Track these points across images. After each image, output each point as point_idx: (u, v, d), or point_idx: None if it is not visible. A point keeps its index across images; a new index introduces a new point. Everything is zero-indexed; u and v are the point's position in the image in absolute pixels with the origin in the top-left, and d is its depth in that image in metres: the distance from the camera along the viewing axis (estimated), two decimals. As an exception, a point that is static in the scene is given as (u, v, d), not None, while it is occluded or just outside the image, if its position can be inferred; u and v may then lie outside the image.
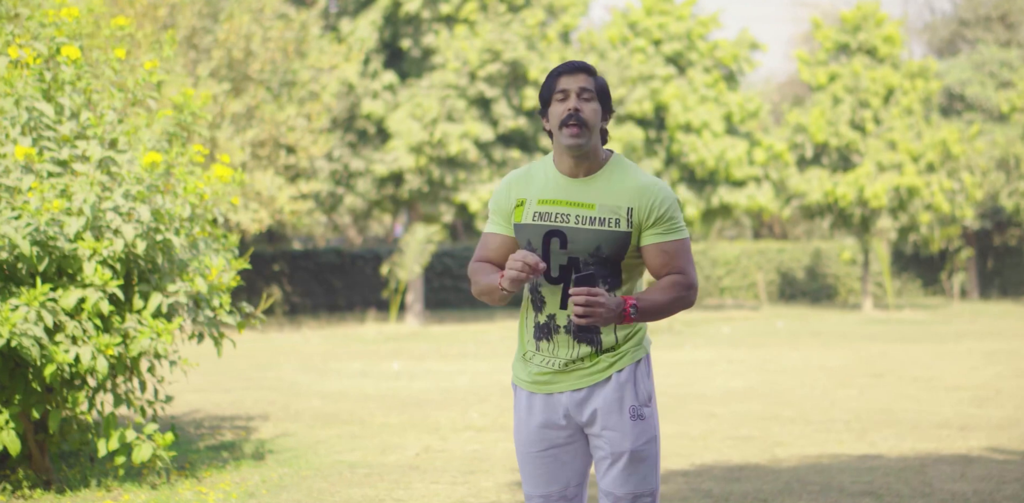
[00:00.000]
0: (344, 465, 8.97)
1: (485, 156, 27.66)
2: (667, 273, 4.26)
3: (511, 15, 27.83)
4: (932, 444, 9.92)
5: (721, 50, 32.25)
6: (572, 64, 4.29)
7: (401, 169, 27.56)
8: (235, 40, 25.67)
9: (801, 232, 47.35)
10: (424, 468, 8.82)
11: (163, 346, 7.94)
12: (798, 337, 24.28)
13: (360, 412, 12.01)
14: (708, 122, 30.88)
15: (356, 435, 10.41)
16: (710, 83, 31.74)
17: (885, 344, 22.16)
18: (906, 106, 34.00)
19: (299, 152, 26.45)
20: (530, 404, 4.37)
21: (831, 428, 10.93)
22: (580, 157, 4.27)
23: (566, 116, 4.21)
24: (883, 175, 33.37)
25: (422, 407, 12.45)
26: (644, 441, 4.29)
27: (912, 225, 34.37)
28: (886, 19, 35.13)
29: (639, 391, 4.30)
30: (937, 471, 8.56)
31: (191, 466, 8.84)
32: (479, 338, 24.36)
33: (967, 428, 10.91)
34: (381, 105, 27.68)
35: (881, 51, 34.60)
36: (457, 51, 27.19)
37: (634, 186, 4.25)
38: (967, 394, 13.94)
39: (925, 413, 12.10)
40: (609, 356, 4.28)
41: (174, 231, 8.11)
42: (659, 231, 4.24)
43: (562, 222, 4.24)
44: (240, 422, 11.43)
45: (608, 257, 4.22)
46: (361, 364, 18.39)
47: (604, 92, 4.32)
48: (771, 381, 15.37)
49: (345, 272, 34.31)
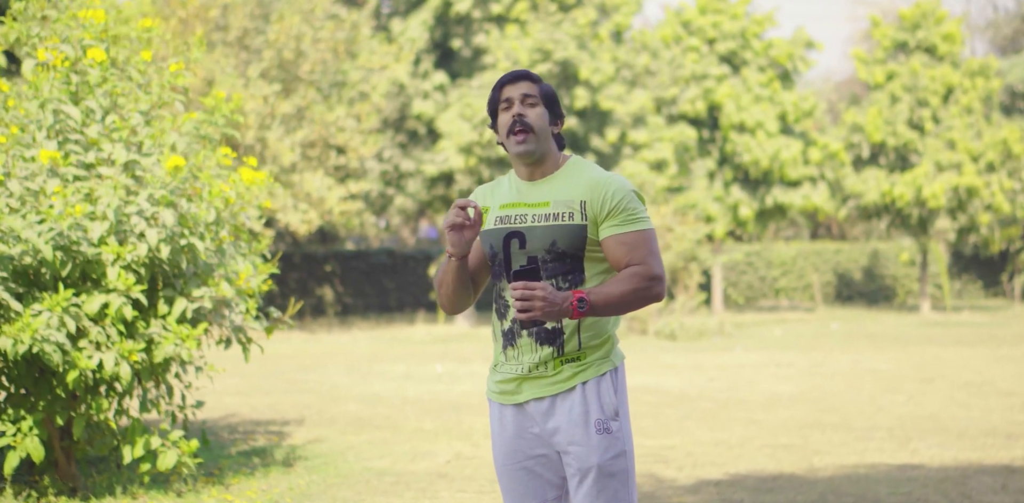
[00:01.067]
0: (372, 473, 8.86)
1: (534, 157, 27.53)
2: (627, 265, 4.12)
3: (562, 14, 27.66)
4: (976, 453, 9.68)
5: (776, 49, 31.92)
6: (513, 73, 4.24)
7: (451, 169, 27.47)
8: (285, 41, 25.70)
9: (859, 232, 46.86)
10: (452, 476, 8.69)
11: (187, 352, 7.86)
12: (851, 340, 23.97)
13: (395, 417, 11.90)
14: (762, 122, 30.58)
15: (387, 441, 10.30)
16: (764, 82, 31.43)
17: (940, 347, 21.82)
18: (966, 105, 33.53)
19: (349, 153, 26.44)
20: (502, 416, 4.28)
21: (873, 436, 10.70)
22: (534, 163, 4.22)
23: (511, 123, 4.16)
24: (942, 175, 32.94)
25: (458, 411, 12.33)
26: (612, 456, 4.14)
27: (972, 226, 33.90)
28: (946, 17, 34.66)
29: (604, 404, 4.15)
30: (978, 482, 8.33)
31: (220, 472, 8.76)
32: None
33: (1014, 436, 10.65)
34: (431, 105, 27.61)
35: (940, 49, 34.14)
36: (507, 51, 27.05)
37: (587, 180, 4.17)
38: (1019, 400, 13.64)
39: (973, 420, 11.84)
40: (573, 366, 4.16)
41: (199, 236, 8.02)
42: (616, 223, 4.13)
43: (520, 223, 4.19)
44: (275, 427, 11.36)
45: (565, 251, 4.12)
46: (405, 366, 18.30)
47: (550, 97, 4.25)
48: (818, 386, 15.13)
49: (397, 273, 34.29)
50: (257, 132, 24.40)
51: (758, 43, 31.86)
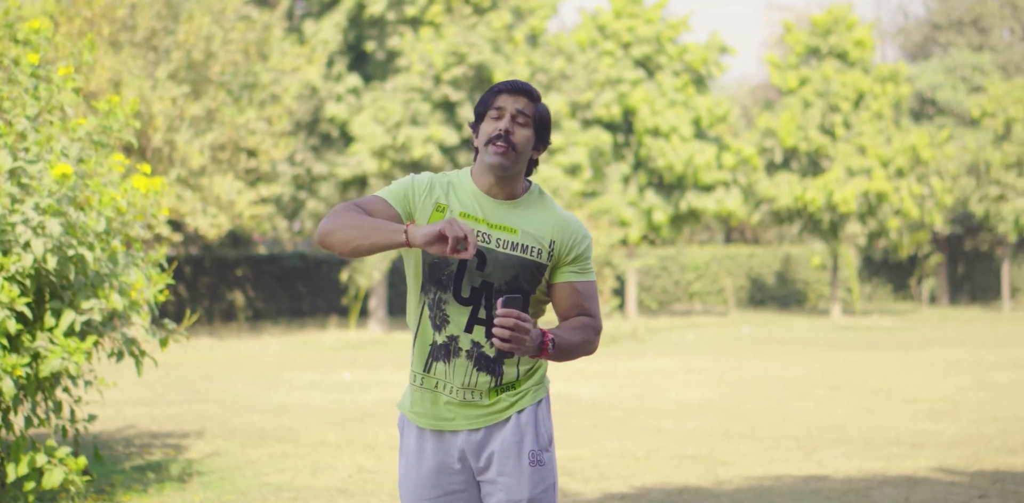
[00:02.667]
0: (270, 488, 8.64)
1: (449, 160, 27.32)
2: (577, 314, 3.98)
3: (477, 17, 27.50)
4: (880, 463, 9.64)
5: (691, 54, 32.00)
6: (515, 84, 3.98)
7: (364, 173, 27.21)
8: (195, 41, 25.30)
9: (772, 237, 47.16)
10: (353, 491, 8.49)
11: (76, 366, 7.60)
12: (762, 344, 24.04)
13: (298, 428, 11.67)
14: (677, 126, 30.63)
15: (288, 454, 10.07)
16: (679, 87, 31.49)
17: (849, 352, 21.93)
18: (876, 111, 33.82)
19: (260, 156, 26.08)
20: (420, 445, 4.02)
21: (779, 445, 10.65)
22: (502, 179, 3.94)
23: (495, 135, 3.90)
24: (852, 180, 33.19)
25: (363, 422, 12.12)
26: (542, 489, 3.97)
27: (881, 230, 34.19)
28: (857, 23, 34.95)
29: (540, 434, 3.99)
30: (881, 494, 8.28)
31: (111, 489, 8.50)
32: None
33: (918, 445, 10.64)
34: (344, 108, 27.33)
35: (852, 55, 34.43)
36: (422, 54, 26.84)
37: (557, 219, 3.98)
38: (923, 407, 13.69)
39: (878, 429, 11.83)
40: (510, 395, 3.97)
41: (88, 246, 7.76)
42: (575, 269, 3.98)
43: (483, 242, 3.92)
44: (172, 440, 11.08)
45: (521, 287, 3.93)
46: (314, 374, 18.05)
47: (543, 122, 4.00)
48: (727, 393, 15.09)
49: (310, 277, 33.94)
50: (165, 134, 24.00)
51: (673, 48, 31.91)
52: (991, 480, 8.83)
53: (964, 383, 16.37)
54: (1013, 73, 45.67)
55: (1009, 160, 38.49)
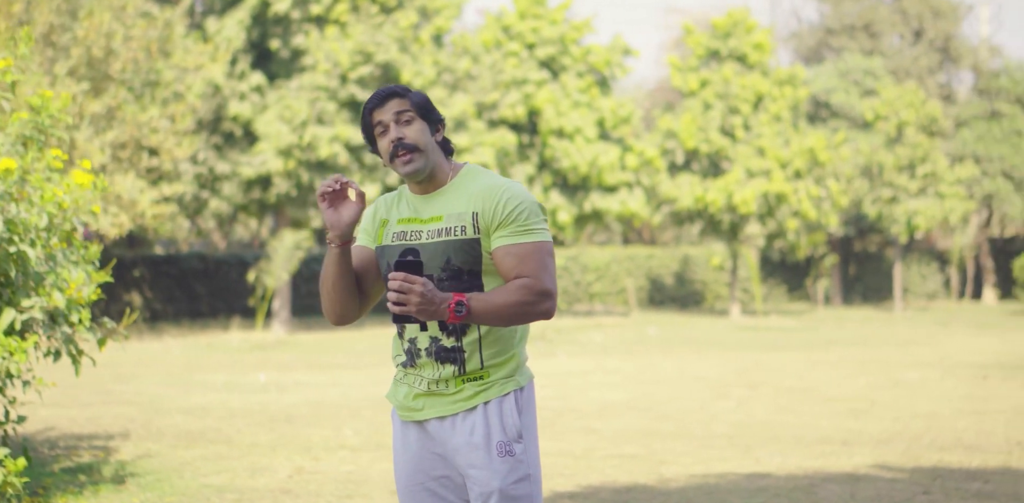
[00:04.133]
0: (211, 489, 8.49)
1: (356, 160, 27.13)
2: (515, 277, 3.90)
3: (383, 17, 27.35)
4: (817, 461, 9.73)
5: (594, 55, 32.12)
6: (378, 94, 4.02)
7: (269, 172, 26.92)
8: (95, 38, 24.83)
9: (670, 238, 47.53)
10: (297, 492, 8.38)
11: (16, 365, 7.40)
12: (670, 345, 24.20)
13: (226, 430, 11.50)
14: (581, 127, 30.72)
15: (223, 456, 9.91)
16: (583, 88, 31.60)
17: (757, 352, 22.16)
18: (775, 113, 34.24)
19: (162, 154, 25.67)
20: (404, 433, 4.11)
21: (713, 444, 10.70)
22: (425, 179, 4.02)
23: (392, 148, 3.94)
24: (752, 181, 33.56)
25: (292, 423, 11.98)
26: (515, 480, 3.95)
27: (780, 231, 34.60)
28: (756, 27, 35.35)
29: (507, 426, 3.96)
30: (826, 491, 8.35)
31: (45, 492, 8.30)
32: (348, 347, 23.87)
33: (849, 443, 10.76)
34: (248, 107, 27.02)
35: (751, 58, 34.81)
36: (328, 52, 26.63)
37: (479, 189, 3.97)
38: (843, 406, 13.86)
39: (805, 427, 11.95)
40: (475, 385, 3.96)
41: (29, 242, 7.56)
42: (506, 233, 3.91)
43: (415, 239, 3.99)
44: (98, 441, 10.85)
45: (460, 268, 3.93)
46: (226, 376, 17.81)
47: (424, 107, 4.04)
48: (648, 393, 15.15)
49: (209, 278, 33.52)
50: (66, 134, 23.55)
51: (577, 49, 32.02)
52: (930, 477, 8.95)
53: (876, 382, 16.60)
54: (903, 77, 46.51)
55: (901, 163, 39.19)
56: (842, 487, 8.50)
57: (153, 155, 25.95)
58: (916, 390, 15.55)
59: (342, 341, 25.33)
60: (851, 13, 47.93)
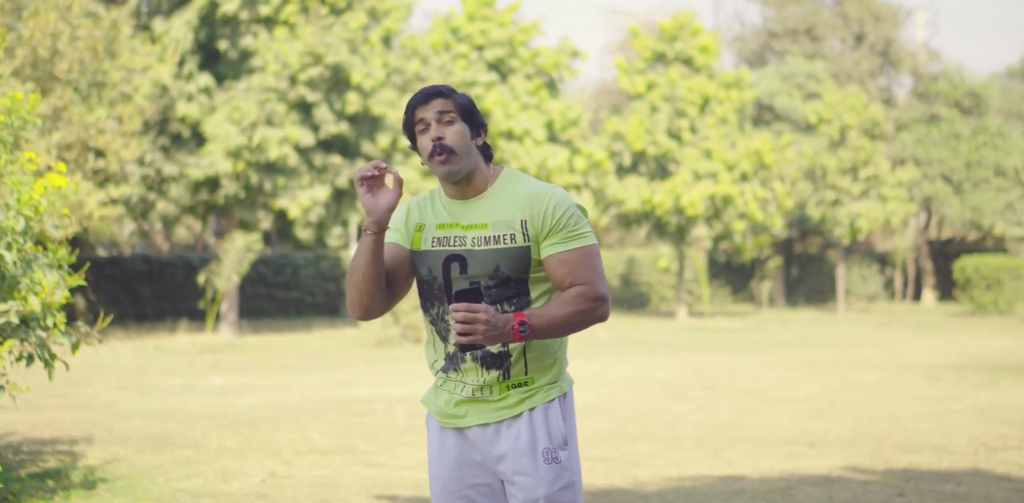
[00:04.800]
0: (186, 494, 8.42)
1: (305, 162, 27.00)
2: (570, 285, 3.93)
3: (333, 18, 27.23)
4: (788, 463, 9.78)
5: (543, 57, 32.17)
6: (424, 92, 4.02)
7: (217, 174, 26.72)
8: (40, 38, 24.56)
9: (614, 240, 47.66)
10: (273, 497, 8.33)
11: (-9, 370, 7.31)
12: (622, 346, 24.27)
13: (191, 433, 11.41)
14: (530, 130, 30.75)
15: (192, 460, 9.83)
16: (532, 90, 31.63)
17: (709, 354, 22.26)
18: (721, 116, 34.42)
19: (109, 156, 25.43)
20: (442, 439, 4.09)
21: (682, 446, 10.74)
22: (462, 181, 4.00)
23: (431, 147, 3.94)
24: (699, 184, 33.72)
25: (256, 427, 11.90)
26: (560, 487, 3.96)
27: (726, 233, 34.79)
28: (701, 30, 35.53)
29: (553, 432, 3.98)
30: (803, 494, 8.40)
31: (14, 498, 8.20)
32: (298, 349, 23.74)
33: (816, 445, 10.83)
34: (196, 108, 26.81)
35: (697, 61, 34.98)
36: (277, 54, 26.48)
37: (525, 196, 3.97)
38: (802, 407, 13.95)
39: (768, 428, 12.02)
40: (520, 391, 3.97)
41: (5, 246, 7.47)
42: (557, 240, 3.94)
43: (460, 245, 3.98)
44: (62, 446, 10.73)
45: (509, 276, 3.93)
46: (180, 379, 17.67)
47: (467, 110, 4.03)
48: (608, 395, 15.19)
49: (153, 280, 33.21)
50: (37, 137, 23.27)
51: (525, 51, 32.04)
52: (903, 478, 9.03)
53: (831, 383, 16.73)
54: (845, 81, 46.91)
55: (844, 165, 39.50)
56: (818, 489, 8.56)
57: (100, 156, 25.71)
58: (872, 391, 15.69)
59: (291, 343, 25.19)
60: (794, 17, 48.29)
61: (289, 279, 35.27)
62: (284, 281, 35.27)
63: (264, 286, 34.58)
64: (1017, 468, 9.48)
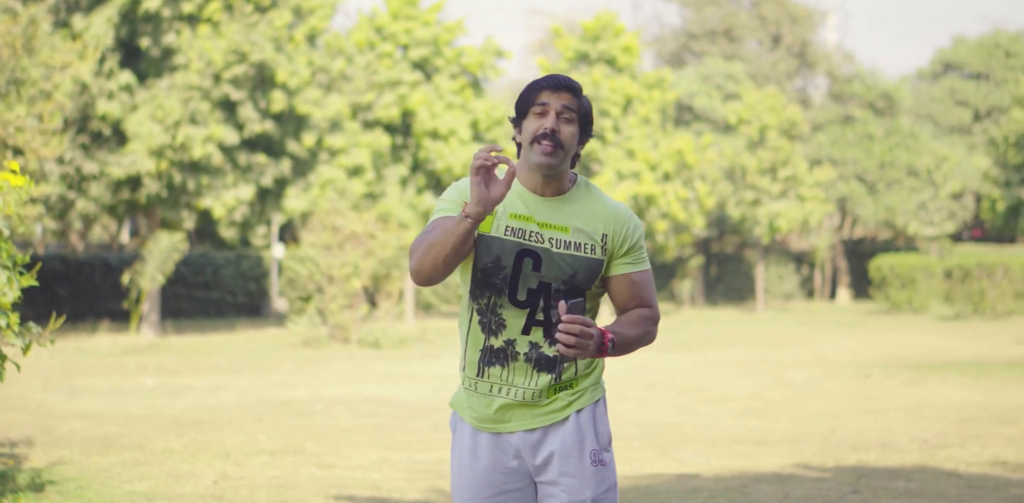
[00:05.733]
0: (139, 496, 8.30)
1: (230, 160, 26.73)
2: (636, 306, 3.97)
3: (258, 16, 26.98)
4: (739, 461, 9.85)
5: (467, 57, 32.12)
6: (557, 80, 3.92)
7: (139, 172, 26.37)
8: (-42, 34, 24.14)
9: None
10: (229, 498, 8.24)
11: (-56, 373, 7.16)
12: (550, 346, 24.27)
13: (134, 435, 11.25)
14: (455, 129, 30.69)
15: (140, 462, 9.70)
16: (456, 90, 31.57)
17: (640, 352, 22.27)
18: (644, 116, 34.60)
19: (28, 154, 25.03)
20: (475, 444, 3.99)
21: (631, 445, 10.77)
22: (549, 177, 3.92)
23: (541, 133, 3.85)
24: (622, 183, 33.85)
25: (199, 428, 11.77)
26: (605, 489, 3.95)
27: (649, 233, 34.97)
28: (624, 30, 35.68)
29: (600, 434, 3.98)
30: (759, 491, 8.46)
31: (-36, 502, 8.04)
32: (224, 350, 23.51)
33: (762, 443, 10.92)
34: (118, 106, 26.44)
35: (620, 61, 35.12)
36: (200, 51, 26.18)
37: (607, 211, 3.96)
38: (739, 406, 14.07)
39: (712, 427, 12.10)
40: (567, 394, 3.94)
41: (-41, 245, 7.32)
42: (630, 261, 3.97)
43: (536, 242, 3.90)
44: (2, 449, 10.54)
45: (579, 285, 3.92)
46: (109, 380, 17.42)
47: (587, 116, 3.97)
48: (547, 394, 15.18)
49: (71, 280, 32.74)
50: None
51: (450, 50, 31.98)
52: (854, 476, 9.13)
53: (764, 382, 16.88)
54: (763, 82, 47.39)
55: (764, 166, 39.92)
56: (773, 487, 8.62)
57: (19, 155, 25.30)
58: (805, 390, 15.85)
59: (216, 344, 24.95)
60: (712, 18, 48.68)
61: (209, 279, 34.94)
62: (204, 281, 34.94)
63: (184, 286, 34.21)
64: (964, 465, 9.62)
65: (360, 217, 23.89)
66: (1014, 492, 8.47)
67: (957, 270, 36.21)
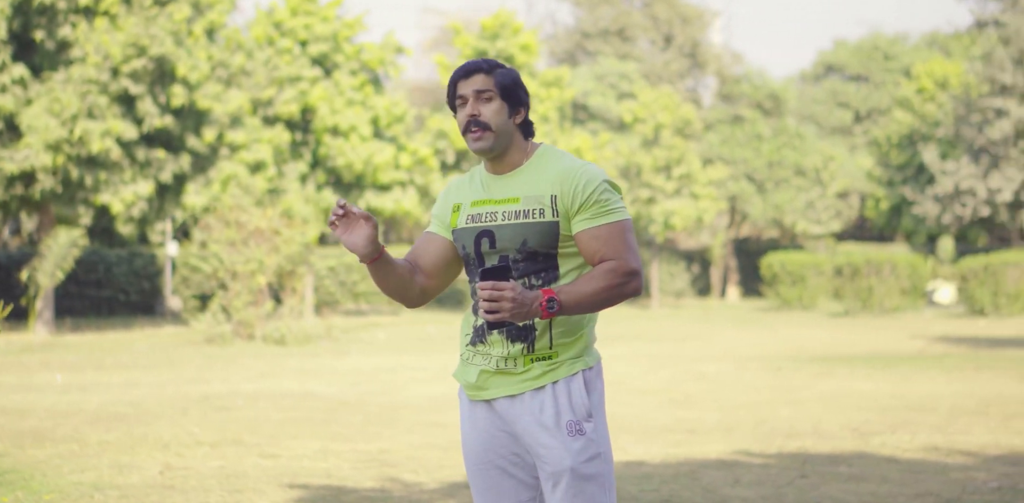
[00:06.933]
0: (87, 486, 8.16)
1: (128, 155, 26.32)
2: (600, 260, 3.97)
3: (157, 9, 26.60)
4: (678, 449, 9.94)
5: (367, 53, 31.98)
6: (466, 67, 4.05)
7: (33, 167, 25.84)
8: None
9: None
10: (181, 488, 8.13)
11: None
12: (455, 342, 24.28)
13: (62, 429, 11.04)
14: (355, 125, 30.55)
15: (78, 454, 9.53)
16: (357, 86, 31.42)
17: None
18: (543, 114, 34.75)
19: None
20: (472, 413, 4.12)
21: (567, 434, 10.80)
22: (496, 158, 4.06)
23: (466, 123, 4.01)
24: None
25: (126, 422, 11.58)
26: (587, 458, 3.97)
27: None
28: (522, 28, 35.80)
29: (576, 405, 3.99)
30: (710, 477, 8.55)
31: (-96, 496, 7.84)
32: (125, 348, 23.12)
33: (696, 432, 11.02)
34: (11, 100, 25.90)
35: (518, 59, 35.24)
36: (98, 45, 25.75)
37: (556, 172, 4.01)
38: (662, 397, 14.19)
39: (640, 418, 12.18)
40: (544, 365, 3.99)
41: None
42: (587, 216, 3.97)
43: (490, 221, 4.03)
44: (-71, 443, 10.29)
45: (536, 250, 3.97)
46: (13, 377, 17.06)
47: (507, 88, 4.05)
48: (468, 387, 15.18)
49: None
50: None
51: (349, 47, 31.81)
52: (799, 461, 9.26)
53: (678, 375, 17.03)
54: (655, 81, 47.84)
55: (659, 164, 40.30)
56: (722, 473, 8.72)
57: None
58: (721, 382, 16.03)
59: (115, 342, 24.53)
60: (605, 17, 49.04)
61: (102, 277, 34.39)
62: (97, 279, 34.39)
63: (76, 284, 33.63)
64: (899, 451, 9.81)
65: (264, 213, 23.68)
66: (955, 476, 8.66)
67: (847, 267, 36.85)
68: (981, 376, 16.41)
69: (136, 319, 31.94)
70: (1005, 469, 8.92)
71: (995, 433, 10.80)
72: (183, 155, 26.94)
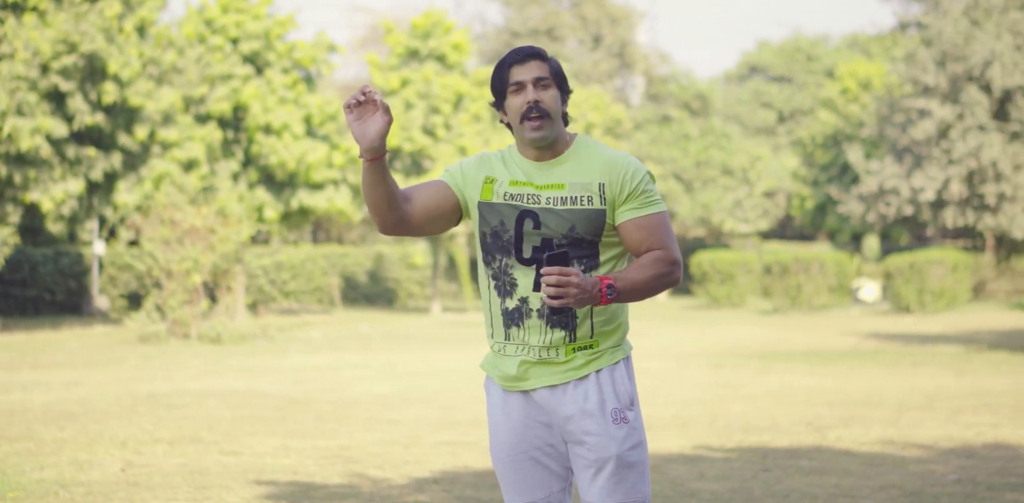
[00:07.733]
0: (50, 483, 8.06)
1: (58, 153, 25.98)
2: (647, 250, 4.03)
3: (87, 5, 26.27)
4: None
5: (299, 51, 31.79)
6: (522, 52, 4.04)
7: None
8: None
9: (356, 236, 47.50)
10: (146, 484, 8.06)
11: None
12: (392, 340, 24.26)
13: (13, 428, 10.88)
14: (288, 124, 30.35)
15: (35, 452, 9.40)
16: (289, 84, 31.24)
17: (479, 346, 22.44)
18: (475, 113, 34.73)
19: None
20: (506, 404, 4.10)
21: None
22: (546, 146, 4.05)
23: (526, 109, 3.98)
24: (453, 181, 33.90)
25: (78, 420, 11.44)
26: (630, 446, 4.04)
27: (479, 230, 35.11)
28: (453, 27, 35.77)
29: (619, 393, 4.06)
30: (675, 471, 8.60)
31: None
32: (56, 347, 22.78)
33: (651, 428, 11.05)
34: (-62, 96, 25.47)
35: (450, 58, 35.20)
36: (27, 41, 25.41)
37: (603, 161, 4.05)
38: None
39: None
40: (586, 354, 4.03)
41: None
42: (634, 206, 4.03)
43: (533, 203, 4.02)
44: None
45: (583, 237, 4.01)
46: (-51, 376, 16.79)
47: (561, 76, 4.09)
48: (417, 385, 15.18)
49: None
50: None
51: (281, 45, 31.60)
52: (759, 455, 9.35)
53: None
54: (585, 81, 48.01)
55: (589, 163, 40.36)
56: (686, 467, 8.78)
57: None
58: (667, 378, 16.12)
59: (44, 342, 24.16)
60: (534, 17, 49.14)
61: (27, 276, 33.90)
62: (21, 278, 33.88)
63: (1, 284, 33.12)
64: (856, 444, 9.93)
65: (199, 211, 23.46)
66: (913, 468, 8.78)
67: (775, 266, 37.16)
68: (919, 371, 16.64)
69: (64, 318, 31.53)
70: (961, 462, 9.06)
71: (945, 427, 10.96)
72: (114, 153, 26.63)
